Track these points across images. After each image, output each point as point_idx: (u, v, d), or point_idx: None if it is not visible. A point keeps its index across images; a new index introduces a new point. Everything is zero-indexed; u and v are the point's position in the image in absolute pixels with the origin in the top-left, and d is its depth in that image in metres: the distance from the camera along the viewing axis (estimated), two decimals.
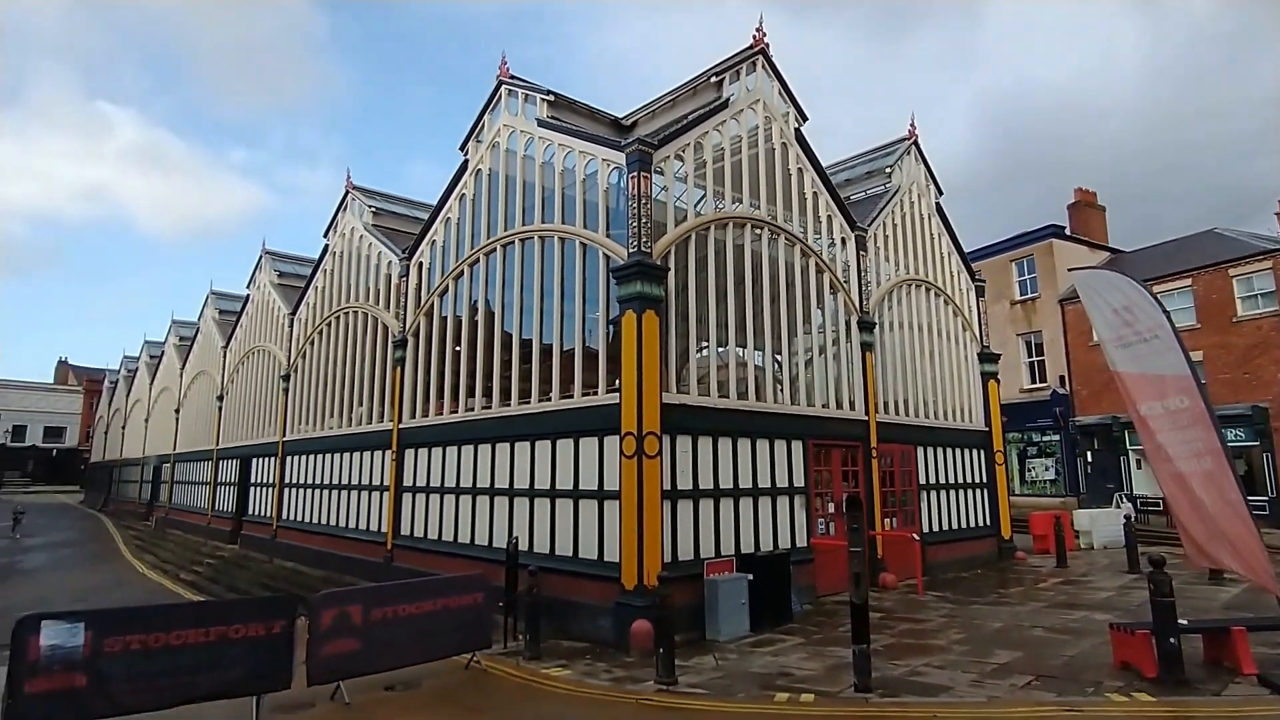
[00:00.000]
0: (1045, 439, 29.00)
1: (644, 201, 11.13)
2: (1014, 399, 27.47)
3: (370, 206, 20.10)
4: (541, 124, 13.59)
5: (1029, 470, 29.42)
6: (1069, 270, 9.28)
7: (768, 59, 13.98)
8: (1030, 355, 29.62)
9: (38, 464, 64.53)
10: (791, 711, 7.14)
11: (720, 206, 12.89)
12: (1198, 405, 7.10)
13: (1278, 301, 21.99)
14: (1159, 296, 7.75)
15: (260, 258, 27.06)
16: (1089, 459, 27.40)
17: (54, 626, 6.13)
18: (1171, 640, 7.17)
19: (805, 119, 14.52)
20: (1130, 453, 26.04)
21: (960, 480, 17.35)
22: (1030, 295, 29.46)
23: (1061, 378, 28.08)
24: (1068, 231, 30.53)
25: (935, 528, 16.17)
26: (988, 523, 18.03)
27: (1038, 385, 29.12)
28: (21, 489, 56.12)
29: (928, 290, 17.56)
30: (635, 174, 11.16)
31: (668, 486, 10.73)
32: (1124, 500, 23.88)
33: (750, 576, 10.91)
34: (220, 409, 28.23)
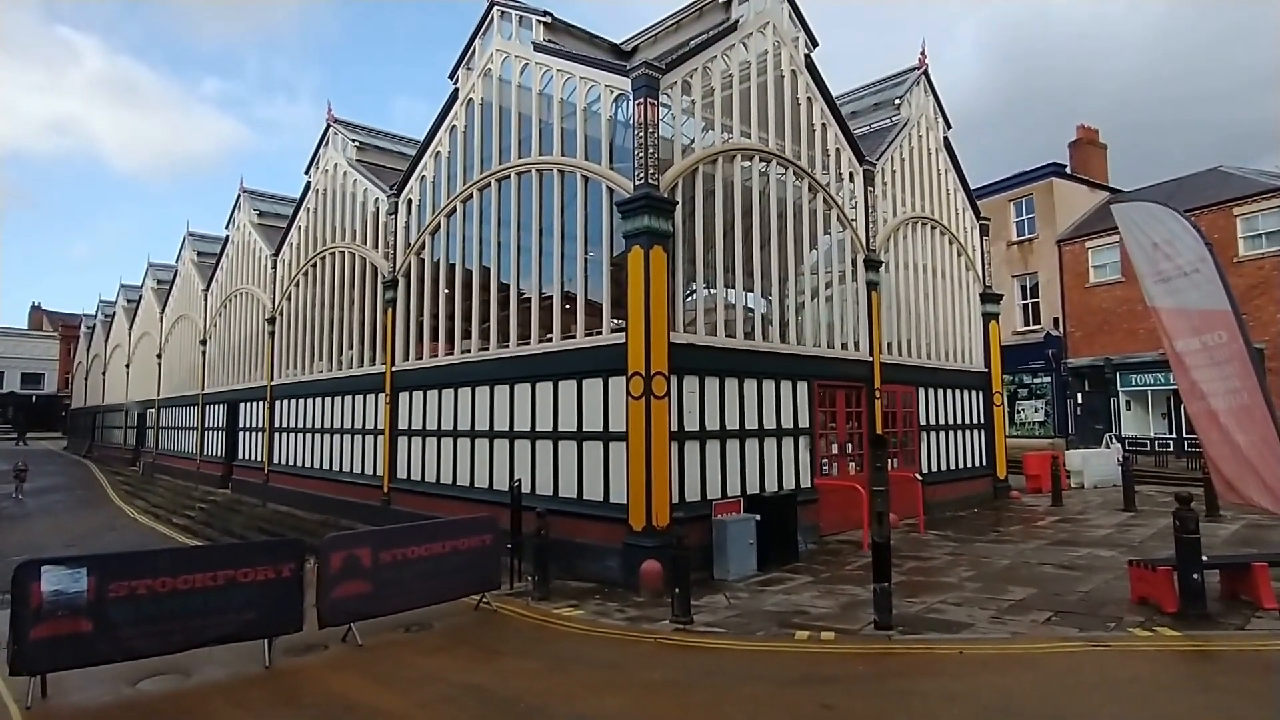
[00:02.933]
0: (1036, 381, 29.13)
1: (650, 130, 10.59)
2: (1006, 341, 27.38)
3: (354, 141, 19.25)
4: (538, 48, 12.86)
5: (1018, 412, 29.61)
6: (1110, 204, 8.98)
7: None
8: (1025, 297, 29.49)
9: (18, 411, 63.56)
10: (815, 650, 7.08)
11: (728, 138, 12.35)
12: (1236, 340, 6.92)
13: None
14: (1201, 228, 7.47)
15: (238, 197, 26.09)
16: (1079, 401, 27.59)
17: (55, 572, 5.88)
18: (1195, 576, 7.14)
19: (816, 44, 13.85)
20: (1121, 394, 26.23)
21: (959, 421, 17.34)
22: (1028, 236, 29.13)
23: (1056, 320, 28.03)
24: (1068, 170, 30.03)
25: (934, 468, 16.20)
26: (984, 463, 18.12)
27: (1031, 327, 29.09)
28: (1, 436, 55.36)
29: (933, 228, 17.19)
30: (642, 100, 10.58)
31: (675, 428, 10.52)
32: (1113, 441, 24.10)
33: (758, 517, 10.86)
34: (204, 353, 27.62)
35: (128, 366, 38.62)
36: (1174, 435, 25.06)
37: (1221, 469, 7.13)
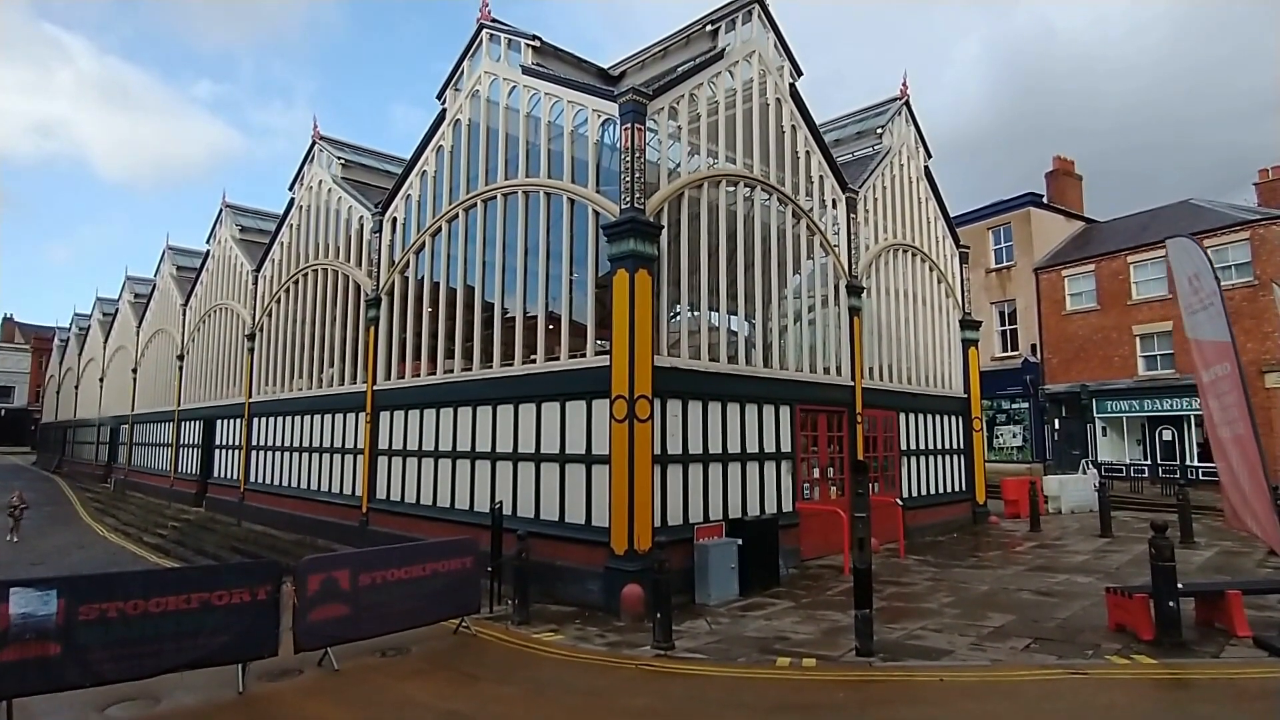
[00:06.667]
0: (1014, 407, 29.50)
1: (637, 154, 10.68)
2: (985, 367, 27.71)
3: (339, 158, 19.23)
4: (526, 71, 12.97)
5: (997, 437, 29.95)
6: (1166, 239, 9.25)
7: (764, 8, 13.49)
8: (1003, 324, 29.94)
9: None
10: (796, 676, 7.05)
11: (713, 164, 12.50)
12: (1234, 371, 7.13)
13: (1252, 272, 22.41)
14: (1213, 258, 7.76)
15: (220, 211, 25.89)
16: (1056, 426, 27.95)
17: (24, 594, 5.72)
18: (1171, 604, 7.22)
19: (800, 74, 14.10)
20: (1097, 420, 26.61)
21: (939, 446, 17.48)
22: (1006, 264, 29.67)
23: (1033, 346, 28.46)
24: (1045, 200, 30.67)
25: (914, 493, 16.29)
26: (963, 488, 18.24)
27: (1009, 354, 29.50)
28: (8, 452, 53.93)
29: (914, 255, 17.44)
30: (629, 125, 10.69)
31: (658, 451, 10.51)
32: (1089, 467, 24.42)
33: (739, 541, 10.84)
34: (181, 369, 27.23)
35: (101, 381, 37.96)
36: (1149, 461, 25.43)
37: (1230, 496, 7.33)
